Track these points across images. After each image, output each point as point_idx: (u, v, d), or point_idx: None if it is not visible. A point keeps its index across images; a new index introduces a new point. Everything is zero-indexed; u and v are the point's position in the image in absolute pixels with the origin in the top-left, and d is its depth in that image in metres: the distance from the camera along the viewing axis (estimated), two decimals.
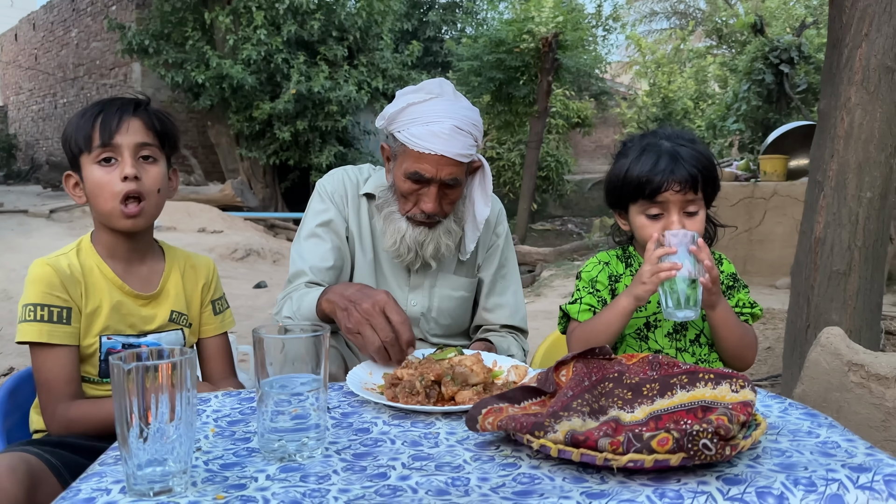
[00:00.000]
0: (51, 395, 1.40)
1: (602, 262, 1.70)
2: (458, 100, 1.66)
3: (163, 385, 0.85)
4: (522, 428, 0.96)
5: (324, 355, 0.99)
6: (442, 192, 1.65)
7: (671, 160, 1.51)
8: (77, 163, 1.48)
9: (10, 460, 1.15)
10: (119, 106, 1.47)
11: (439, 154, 1.58)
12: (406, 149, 1.62)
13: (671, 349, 1.60)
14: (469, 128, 1.61)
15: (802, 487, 0.87)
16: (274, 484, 0.89)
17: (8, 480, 1.12)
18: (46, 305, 1.40)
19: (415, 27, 14.83)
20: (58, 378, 1.40)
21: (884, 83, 2.63)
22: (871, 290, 2.77)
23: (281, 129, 11.20)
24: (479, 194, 1.74)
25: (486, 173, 1.75)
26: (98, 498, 0.86)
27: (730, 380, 1.04)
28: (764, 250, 6.43)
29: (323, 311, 1.52)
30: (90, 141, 1.44)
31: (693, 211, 1.54)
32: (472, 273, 1.86)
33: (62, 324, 1.41)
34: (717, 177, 1.58)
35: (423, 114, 1.60)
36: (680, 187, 1.50)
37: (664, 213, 1.54)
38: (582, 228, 14.61)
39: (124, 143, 1.44)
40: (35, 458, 1.20)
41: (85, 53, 15.29)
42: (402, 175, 1.64)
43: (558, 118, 15.56)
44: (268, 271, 8.25)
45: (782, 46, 9.59)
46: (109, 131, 1.43)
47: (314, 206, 1.81)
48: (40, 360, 1.40)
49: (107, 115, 1.45)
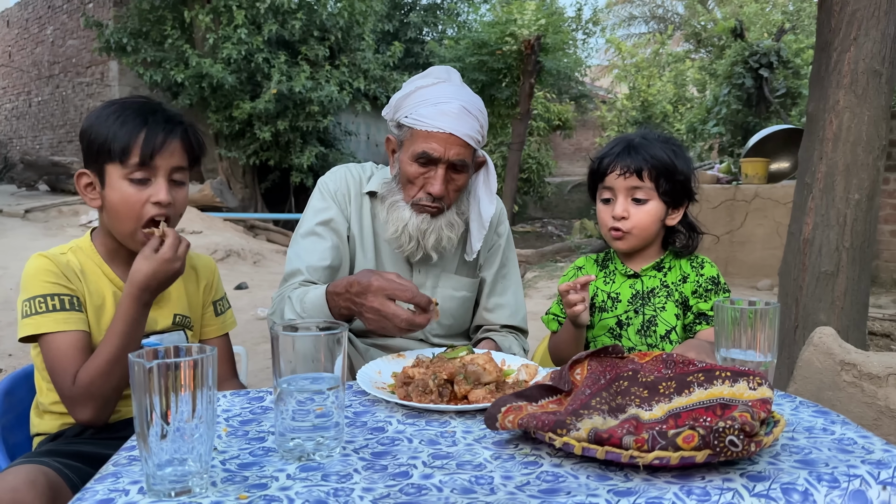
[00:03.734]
0: (65, 373, 1.29)
1: (577, 267, 1.81)
2: (464, 87, 1.68)
3: (184, 383, 0.83)
4: (544, 426, 0.95)
5: (341, 353, 0.98)
6: (449, 175, 1.64)
7: (624, 148, 1.63)
8: (99, 166, 1.39)
9: (29, 473, 1.11)
10: (164, 123, 1.38)
11: (448, 132, 1.59)
12: (414, 132, 1.62)
13: (642, 346, 1.64)
14: (476, 112, 1.63)
15: (826, 483, 0.87)
16: (296, 483, 0.88)
17: (29, 495, 1.08)
18: (56, 295, 1.34)
19: (396, 28, 14.79)
20: (71, 356, 1.31)
21: (871, 86, 2.67)
22: (859, 290, 2.81)
23: (261, 129, 11.10)
24: (485, 192, 1.73)
25: (490, 171, 1.75)
26: (117, 499, 0.83)
27: (747, 378, 1.04)
28: (745, 252, 6.50)
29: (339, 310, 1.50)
30: (127, 155, 1.36)
31: (641, 199, 1.62)
32: (473, 273, 1.86)
33: (74, 311, 1.35)
34: (676, 171, 1.62)
35: (432, 95, 1.62)
36: (622, 171, 1.61)
37: (613, 199, 1.64)
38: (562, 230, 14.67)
39: (162, 165, 1.38)
40: (52, 471, 1.16)
41: (61, 51, 15.05)
42: (410, 158, 1.64)
43: (540, 120, 15.62)
44: (248, 272, 8.17)
45: (762, 51, 9.71)
46: (152, 151, 1.36)
47: (315, 204, 1.78)
48: (54, 346, 1.31)
49: (151, 132, 1.36)
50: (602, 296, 1.71)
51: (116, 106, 1.40)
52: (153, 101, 1.44)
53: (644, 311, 1.65)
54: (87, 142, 1.40)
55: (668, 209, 1.64)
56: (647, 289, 1.67)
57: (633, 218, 1.62)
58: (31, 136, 16.29)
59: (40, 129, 15.96)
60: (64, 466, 1.20)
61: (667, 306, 1.65)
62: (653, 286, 1.67)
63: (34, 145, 15.99)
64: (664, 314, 1.64)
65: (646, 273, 1.69)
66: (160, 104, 1.44)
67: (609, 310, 1.69)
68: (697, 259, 1.71)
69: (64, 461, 1.23)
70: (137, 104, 1.41)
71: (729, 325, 1.19)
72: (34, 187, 12.53)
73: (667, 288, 1.66)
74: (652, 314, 1.65)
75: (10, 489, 1.08)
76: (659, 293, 1.66)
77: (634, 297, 1.67)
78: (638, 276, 1.69)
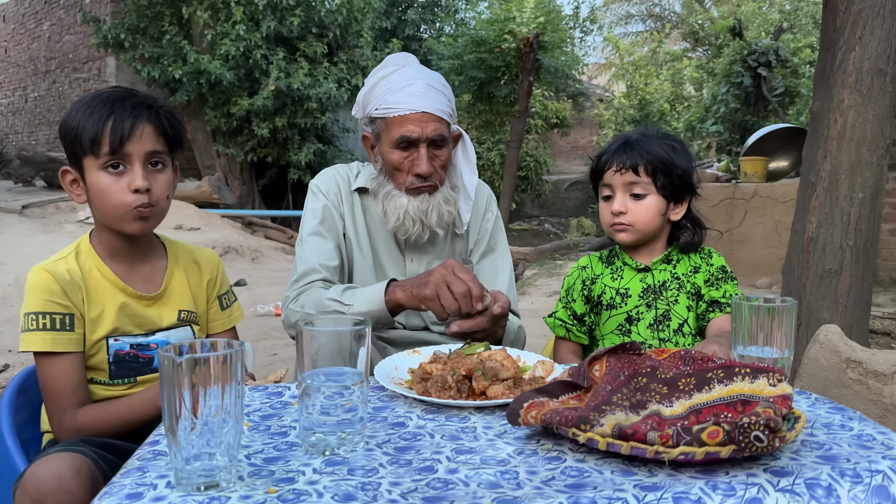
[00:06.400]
0: (57, 404, 1.35)
1: (580, 267, 1.80)
2: (423, 68, 1.74)
3: (213, 377, 0.83)
4: (567, 421, 0.95)
5: (365, 348, 0.98)
6: (431, 153, 1.68)
7: (621, 145, 1.66)
8: (78, 161, 1.39)
9: (73, 461, 1.12)
10: (131, 109, 1.37)
11: (421, 111, 1.64)
12: (388, 120, 1.67)
13: (654, 340, 1.64)
14: (441, 87, 1.69)
15: (849, 479, 0.88)
16: (323, 478, 0.88)
17: (75, 483, 1.08)
18: (48, 313, 1.35)
19: (394, 25, 14.77)
20: (63, 388, 1.35)
21: (876, 86, 2.68)
22: (862, 288, 2.82)
23: (259, 126, 11.08)
24: (466, 164, 1.80)
25: (466, 143, 1.81)
26: (145, 493, 0.84)
27: (766, 374, 1.05)
28: (744, 250, 6.52)
29: (396, 299, 1.54)
30: (98, 145, 1.35)
31: (639, 194, 1.63)
32: (464, 260, 1.88)
33: (65, 331, 1.36)
34: (674, 166, 1.64)
35: (396, 82, 1.67)
36: (618, 168, 1.63)
37: (612, 196, 1.67)
38: (559, 228, 14.68)
39: (135, 151, 1.36)
40: (91, 462, 1.16)
41: (57, 47, 14.99)
42: (391, 147, 1.68)
43: (538, 118, 15.63)
44: (246, 269, 8.16)
45: (760, 50, 9.73)
46: (121, 138, 1.34)
47: (311, 206, 1.81)
48: (45, 369, 1.36)
49: (118, 119, 1.35)
50: (610, 293, 1.71)
51: (87, 99, 1.39)
52: (124, 89, 1.43)
53: (657, 305, 1.66)
54: (63, 138, 1.40)
55: (668, 203, 1.65)
56: (659, 282, 1.67)
57: (632, 213, 1.64)
58: (28, 131, 16.23)
59: (37, 125, 15.90)
60: (98, 457, 1.20)
61: (679, 299, 1.65)
62: (664, 279, 1.67)
63: (30, 141, 15.93)
64: (677, 307, 1.65)
65: (656, 266, 1.69)
66: (131, 91, 1.43)
67: (618, 306, 1.69)
68: (705, 250, 1.73)
69: (98, 451, 1.23)
70: (106, 94, 1.40)
71: (746, 322, 1.20)
72: (31, 183, 12.48)
73: (678, 280, 1.67)
74: (665, 308, 1.65)
75: (56, 475, 1.08)
76: (671, 286, 1.66)
77: (646, 290, 1.67)
78: (649, 270, 1.69)
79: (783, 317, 1.19)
